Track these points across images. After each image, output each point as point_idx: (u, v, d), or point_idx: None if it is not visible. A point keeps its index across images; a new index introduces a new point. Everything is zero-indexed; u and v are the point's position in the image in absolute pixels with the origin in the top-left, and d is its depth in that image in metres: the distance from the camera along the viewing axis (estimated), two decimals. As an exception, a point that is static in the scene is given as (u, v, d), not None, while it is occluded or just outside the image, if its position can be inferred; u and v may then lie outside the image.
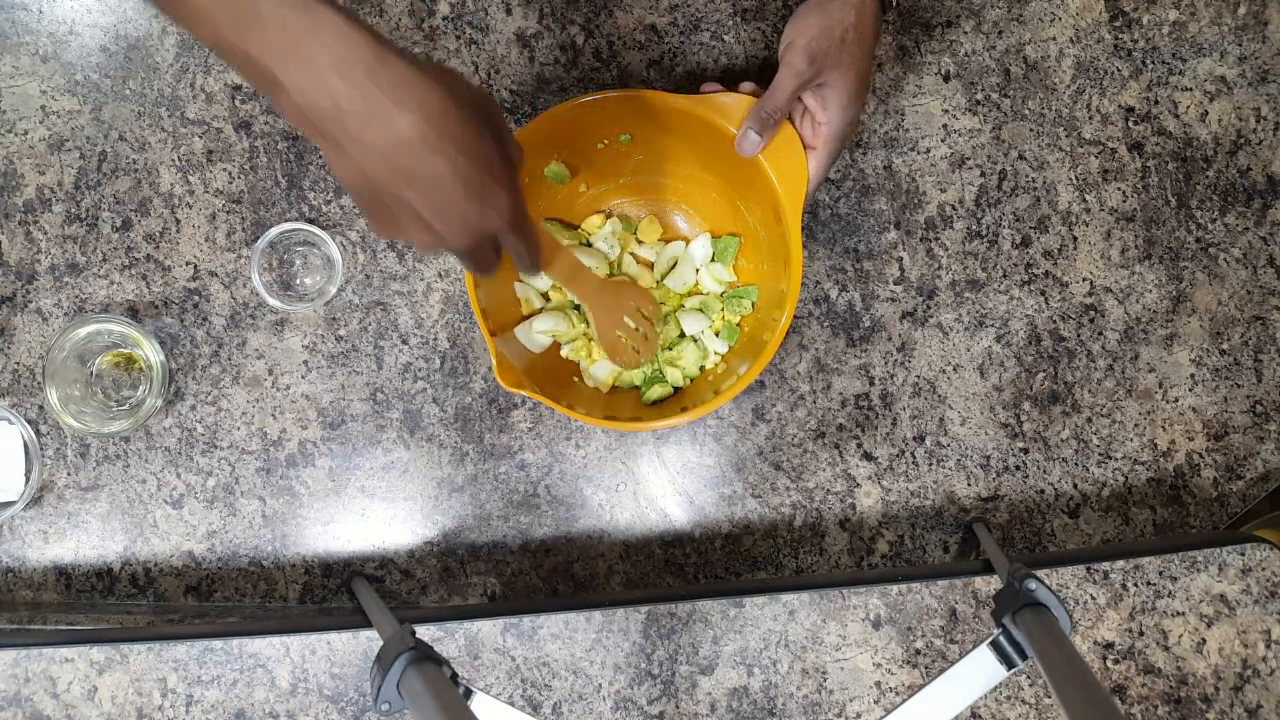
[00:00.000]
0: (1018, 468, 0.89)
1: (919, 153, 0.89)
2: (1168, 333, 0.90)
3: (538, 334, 0.84)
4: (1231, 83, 0.90)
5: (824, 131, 0.76)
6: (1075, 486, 0.90)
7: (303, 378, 0.87)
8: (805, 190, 0.77)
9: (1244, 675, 0.85)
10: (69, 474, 0.86)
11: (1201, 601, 0.85)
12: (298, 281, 0.88)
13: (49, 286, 0.86)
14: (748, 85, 0.78)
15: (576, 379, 0.86)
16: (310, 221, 0.86)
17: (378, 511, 0.87)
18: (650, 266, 0.87)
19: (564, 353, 0.85)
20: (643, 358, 0.82)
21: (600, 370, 0.85)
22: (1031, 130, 0.90)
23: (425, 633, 0.82)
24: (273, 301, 0.84)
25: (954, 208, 0.89)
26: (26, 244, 0.86)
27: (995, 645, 0.67)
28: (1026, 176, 0.90)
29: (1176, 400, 0.90)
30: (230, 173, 0.87)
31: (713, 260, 0.86)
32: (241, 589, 0.87)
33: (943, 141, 0.89)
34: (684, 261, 0.86)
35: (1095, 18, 0.90)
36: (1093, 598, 0.85)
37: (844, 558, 0.89)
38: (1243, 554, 0.85)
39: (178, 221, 0.87)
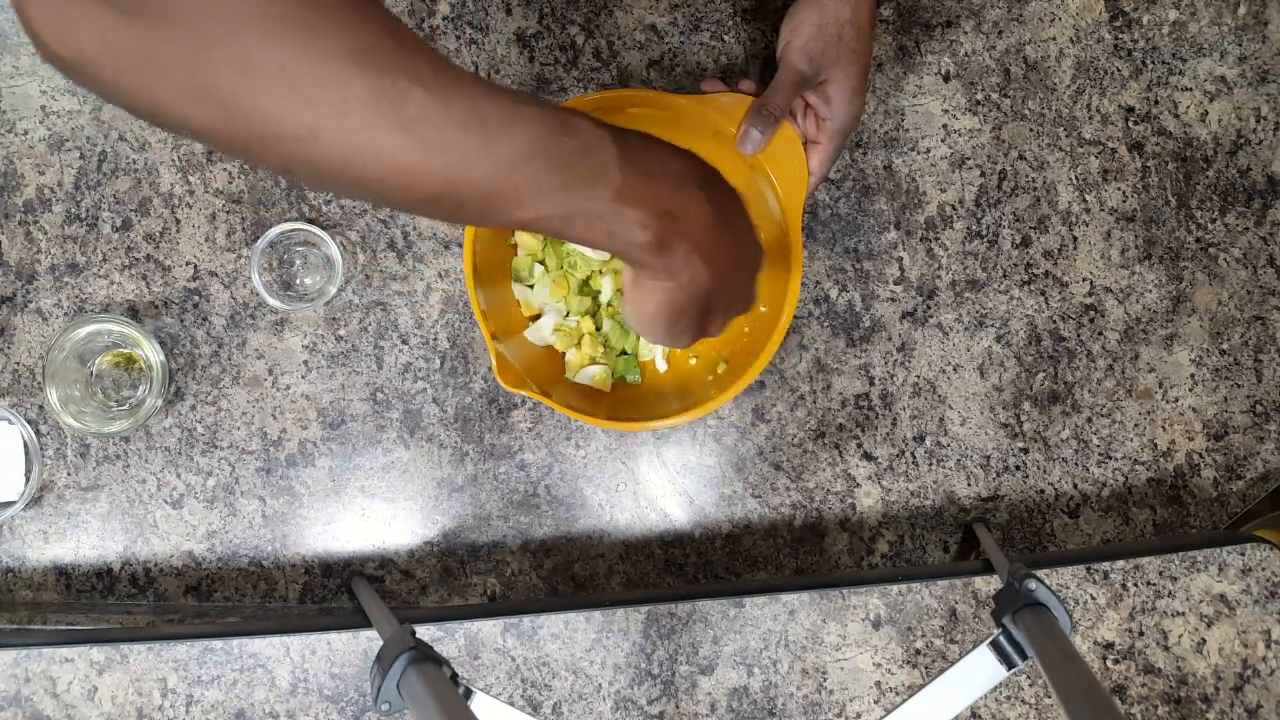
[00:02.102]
0: (1018, 468, 0.89)
1: (919, 153, 0.89)
2: (1168, 333, 0.90)
3: (548, 334, 0.84)
4: (1231, 83, 0.90)
5: (829, 126, 0.76)
6: (1075, 486, 0.90)
7: (303, 378, 0.87)
8: (805, 190, 0.77)
9: (1244, 675, 0.85)
10: (69, 474, 0.86)
11: (1201, 601, 0.85)
12: (298, 281, 0.88)
13: (49, 286, 0.86)
14: (748, 84, 0.78)
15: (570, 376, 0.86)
16: (310, 221, 0.86)
17: (378, 511, 0.87)
18: None
19: (551, 339, 0.85)
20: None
21: (587, 372, 0.85)
22: (1031, 130, 0.90)
23: (425, 633, 0.82)
24: (273, 301, 0.84)
25: (954, 208, 0.89)
26: (26, 244, 0.86)
27: (995, 645, 0.67)
28: (1026, 176, 0.90)
29: (1176, 400, 0.90)
30: (230, 172, 0.87)
31: None
32: (241, 589, 0.87)
33: (943, 141, 0.89)
34: None
35: (1095, 18, 0.90)
36: (1093, 598, 0.85)
37: (844, 558, 0.89)
38: (1243, 554, 0.85)
39: (178, 221, 0.87)
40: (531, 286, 0.85)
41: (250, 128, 0.42)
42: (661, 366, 0.86)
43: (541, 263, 0.85)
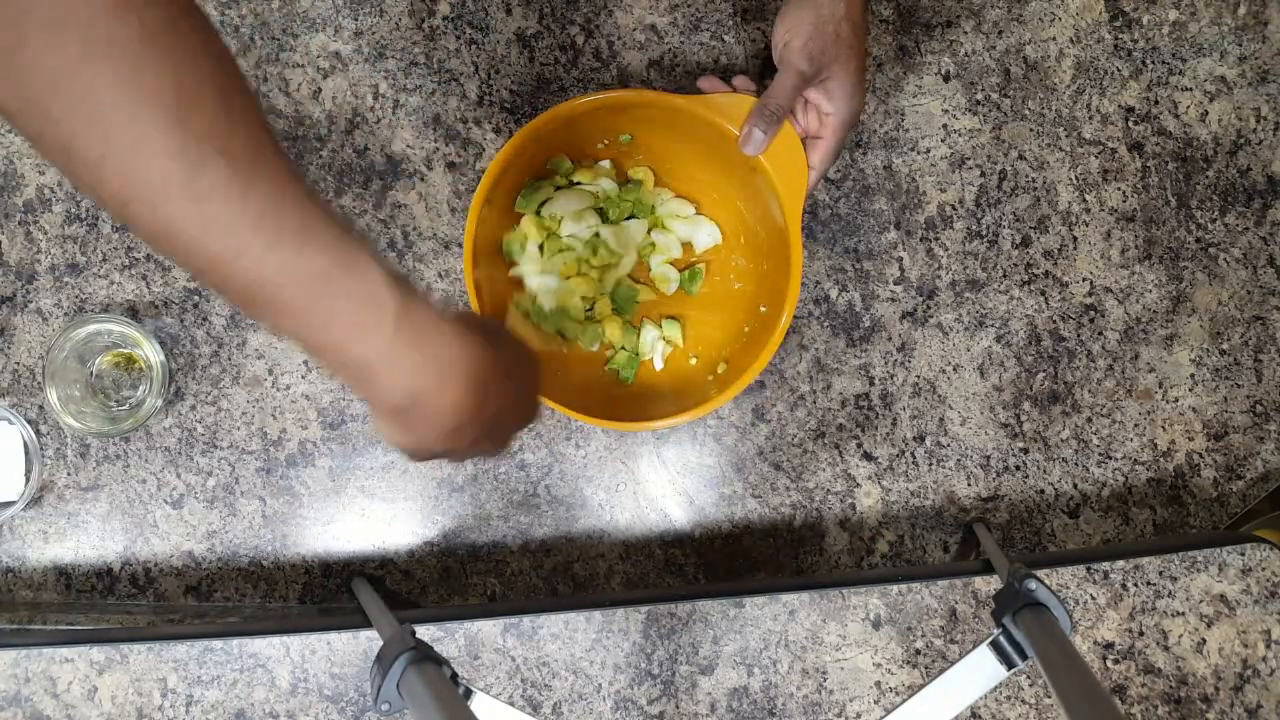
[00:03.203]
0: (1018, 468, 0.89)
1: (919, 153, 0.89)
2: (1168, 333, 0.90)
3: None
4: (1231, 83, 0.90)
5: (832, 121, 0.76)
6: (1075, 486, 0.90)
7: (303, 378, 0.87)
8: (805, 189, 0.77)
9: (1244, 675, 0.85)
10: (69, 474, 0.86)
11: (1201, 601, 0.85)
12: (298, 281, 0.87)
13: (49, 286, 0.86)
14: (741, 80, 0.78)
15: (582, 376, 0.86)
16: (310, 221, 0.86)
17: (378, 511, 0.87)
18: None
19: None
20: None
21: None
22: (1031, 130, 0.90)
23: (425, 633, 0.82)
24: (273, 301, 0.84)
25: (954, 208, 0.89)
26: (26, 244, 0.86)
27: (995, 645, 0.67)
28: (1026, 176, 0.90)
29: (1176, 400, 0.90)
30: (230, 173, 0.86)
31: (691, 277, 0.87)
32: (241, 589, 0.87)
33: (943, 141, 0.89)
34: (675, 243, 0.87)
35: (1095, 18, 0.90)
36: (1093, 598, 0.85)
37: (844, 558, 0.89)
38: (1243, 554, 0.85)
39: (178, 221, 0.86)
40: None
41: (48, 134, 0.40)
42: (658, 365, 0.86)
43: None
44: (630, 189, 0.85)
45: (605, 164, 0.85)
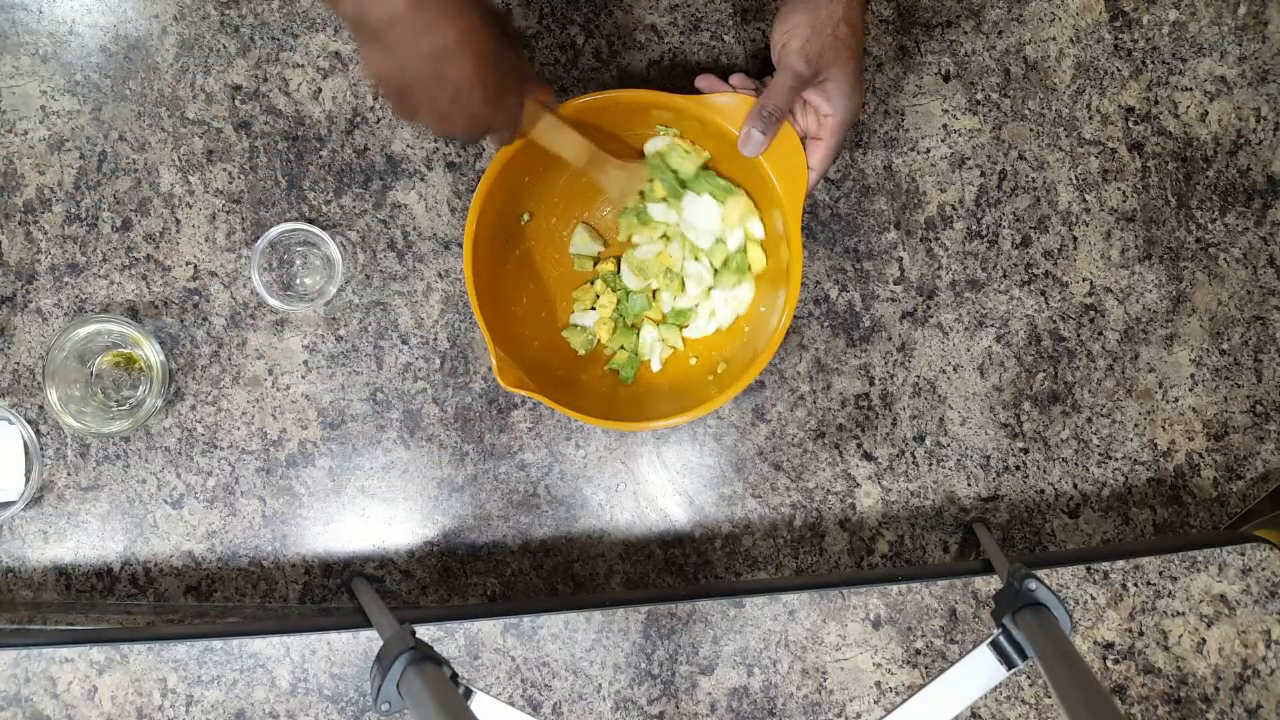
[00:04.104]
0: (1018, 468, 0.90)
1: (919, 153, 0.89)
2: (1168, 333, 0.90)
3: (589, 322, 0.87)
4: (1231, 83, 0.90)
5: (830, 122, 0.76)
6: (1075, 486, 0.90)
7: (303, 378, 0.87)
8: (805, 189, 0.77)
9: (1244, 675, 0.85)
10: (69, 474, 0.86)
11: (1201, 601, 0.85)
12: (298, 281, 0.88)
13: (49, 286, 0.86)
14: (738, 78, 0.78)
15: (582, 376, 0.86)
16: (310, 221, 0.86)
17: (378, 511, 0.87)
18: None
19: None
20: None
21: (586, 320, 0.87)
22: (1031, 130, 0.90)
23: (425, 633, 0.82)
24: (273, 301, 0.84)
25: (954, 208, 0.89)
26: (26, 244, 0.86)
27: (995, 645, 0.67)
28: (1026, 176, 0.90)
29: (1176, 400, 0.90)
30: (230, 173, 0.87)
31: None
32: (241, 589, 0.87)
33: (943, 141, 0.89)
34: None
35: (1095, 18, 0.90)
36: (1093, 598, 0.85)
37: (844, 558, 0.89)
38: (1243, 554, 0.85)
39: (178, 221, 0.87)
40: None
41: None
42: (656, 366, 0.86)
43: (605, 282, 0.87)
44: (748, 249, 0.83)
45: (755, 227, 0.82)
